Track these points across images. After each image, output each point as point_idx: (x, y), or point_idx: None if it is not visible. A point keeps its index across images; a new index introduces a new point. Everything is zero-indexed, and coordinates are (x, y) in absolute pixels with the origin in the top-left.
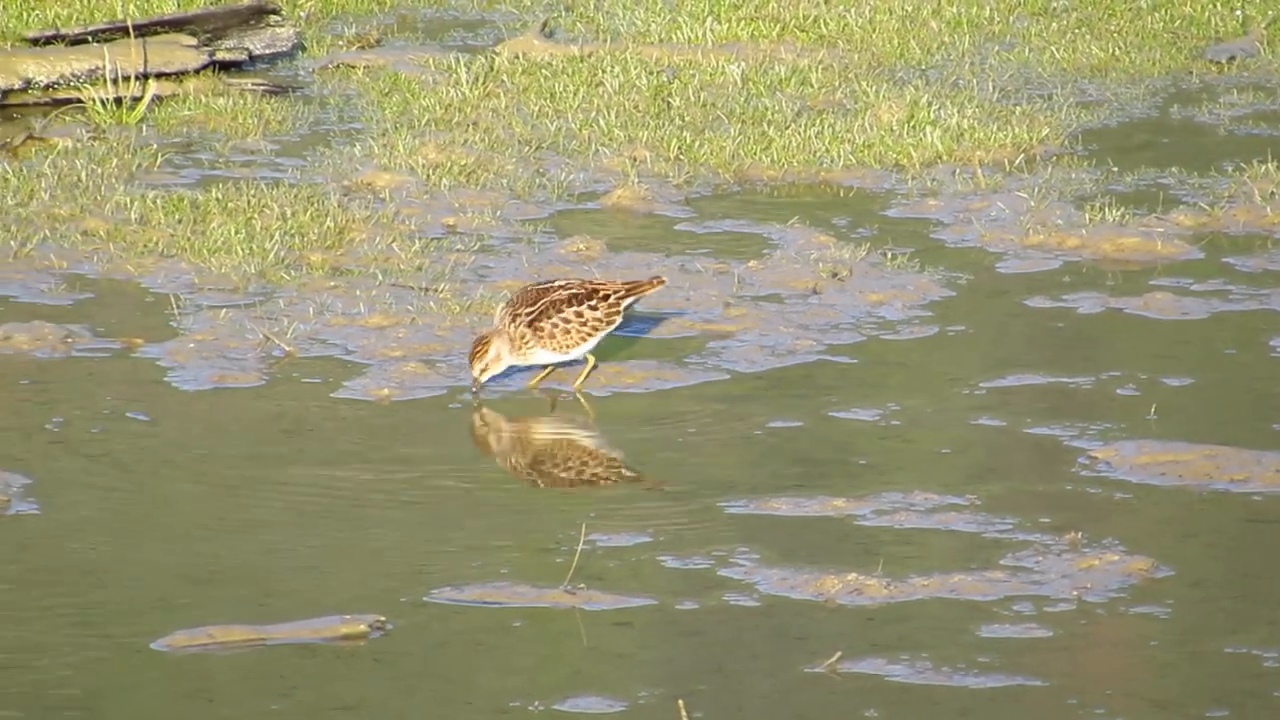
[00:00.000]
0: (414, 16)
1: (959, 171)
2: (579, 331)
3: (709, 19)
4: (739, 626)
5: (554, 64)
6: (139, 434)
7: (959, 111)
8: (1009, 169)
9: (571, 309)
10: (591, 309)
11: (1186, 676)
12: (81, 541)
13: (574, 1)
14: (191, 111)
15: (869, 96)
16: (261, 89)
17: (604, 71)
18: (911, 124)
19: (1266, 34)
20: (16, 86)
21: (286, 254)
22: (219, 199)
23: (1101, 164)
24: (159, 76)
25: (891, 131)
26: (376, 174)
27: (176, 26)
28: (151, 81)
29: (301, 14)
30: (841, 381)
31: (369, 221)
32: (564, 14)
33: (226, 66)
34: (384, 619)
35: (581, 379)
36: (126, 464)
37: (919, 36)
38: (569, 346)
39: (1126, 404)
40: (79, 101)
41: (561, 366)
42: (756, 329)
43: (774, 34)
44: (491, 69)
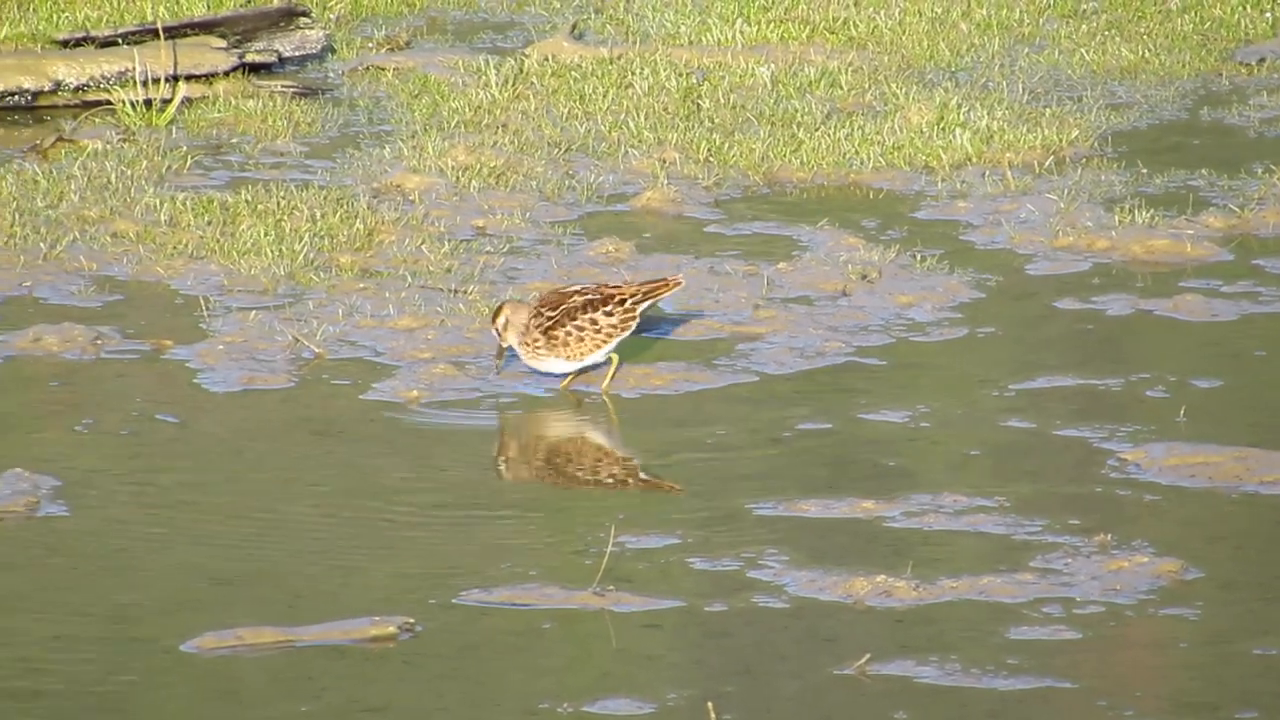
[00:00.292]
0: (443, 19)
1: (988, 173)
2: (593, 339)
3: (738, 21)
4: (768, 628)
5: (583, 66)
6: (168, 436)
7: (988, 113)
8: (1038, 171)
9: (586, 316)
10: (607, 315)
11: (1216, 678)
12: (111, 543)
13: (603, 3)
14: (221, 114)
15: (898, 98)
16: (291, 91)
17: (633, 73)
18: (941, 126)
19: None
20: (46, 88)
21: (316, 256)
22: (248, 201)
23: (1131, 166)
24: (189, 79)
25: (921, 133)
26: (406, 176)
27: (206, 29)
28: (181, 83)
29: (331, 16)
30: (871, 383)
31: (398, 223)
32: (593, 16)
33: (256, 69)
34: (413, 621)
35: (608, 380)
36: (156, 466)
37: (948, 38)
38: (583, 354)
39: (1156, 406)
40: (109, 103)
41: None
42: (786, 331)
43: (804, 36)
44: (521, 71)
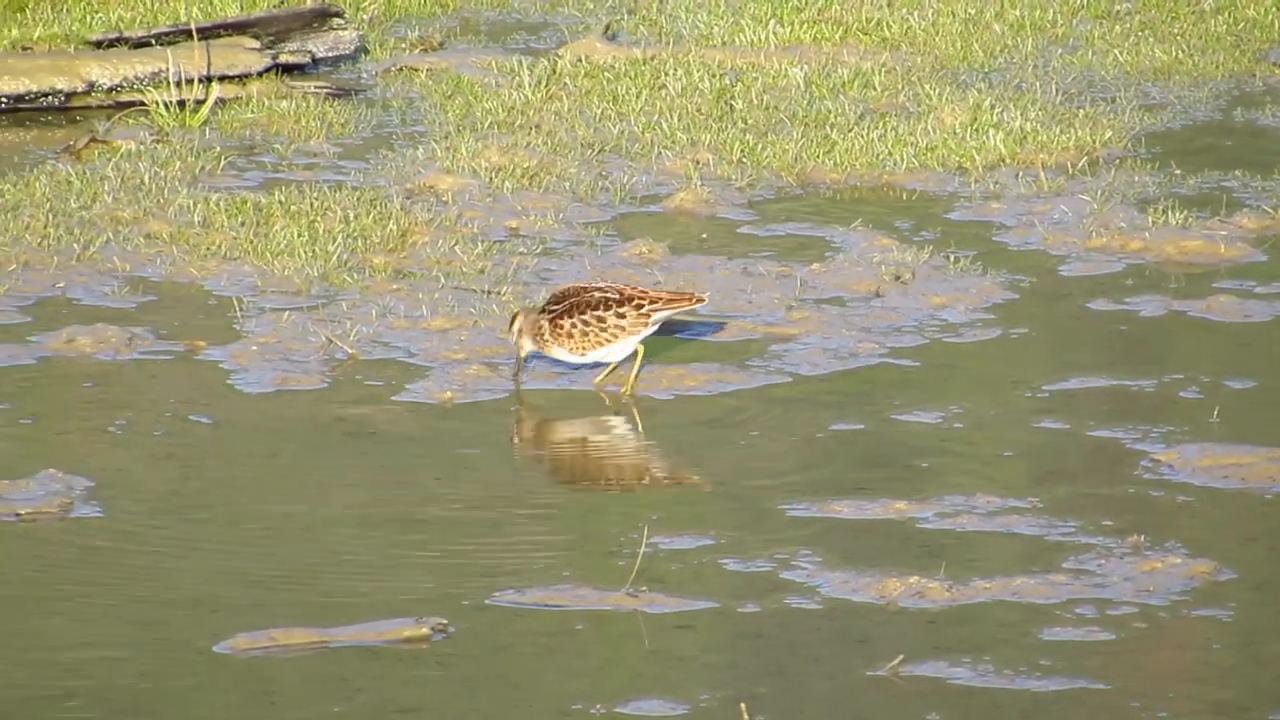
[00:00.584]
0: (477, 19)
1: (1022, 174)
2: (596, 336)
3: (771, 22)
4: (801, 629)
5: (616, 67)
6: (202, 437)
7: (1022, 114)
8: (1072, 172)
9: (594, 313)
10: (618, 316)
11: (1249, 679)
12: (144, 544)
13: (637, 4)
14: (254, 114)
15: (932, 99)
16: (324, 92)
17: (666, 74)
18: (974, 127)
19: None
20: (80, 89)
21: (349, 257)
22: (282, 202)
23: (1164, 167)
24: (222, 79)
25: (954, 134)
26: (439, 177)
27: (239, 29)
28: (214, 84)
29: (364, 17)
30: (904, 384)
31: (431, 224)
32: (626, 17)
33: (289, 69)
34: (446, 622)
35: (630, 380)
36: (189, 466)
37: (982, 39)
38: (585, 349)
39: (1189, 407)
40: (142, 104)
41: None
42: (819, 332)
43: (837, 37)
44: (554, 72)
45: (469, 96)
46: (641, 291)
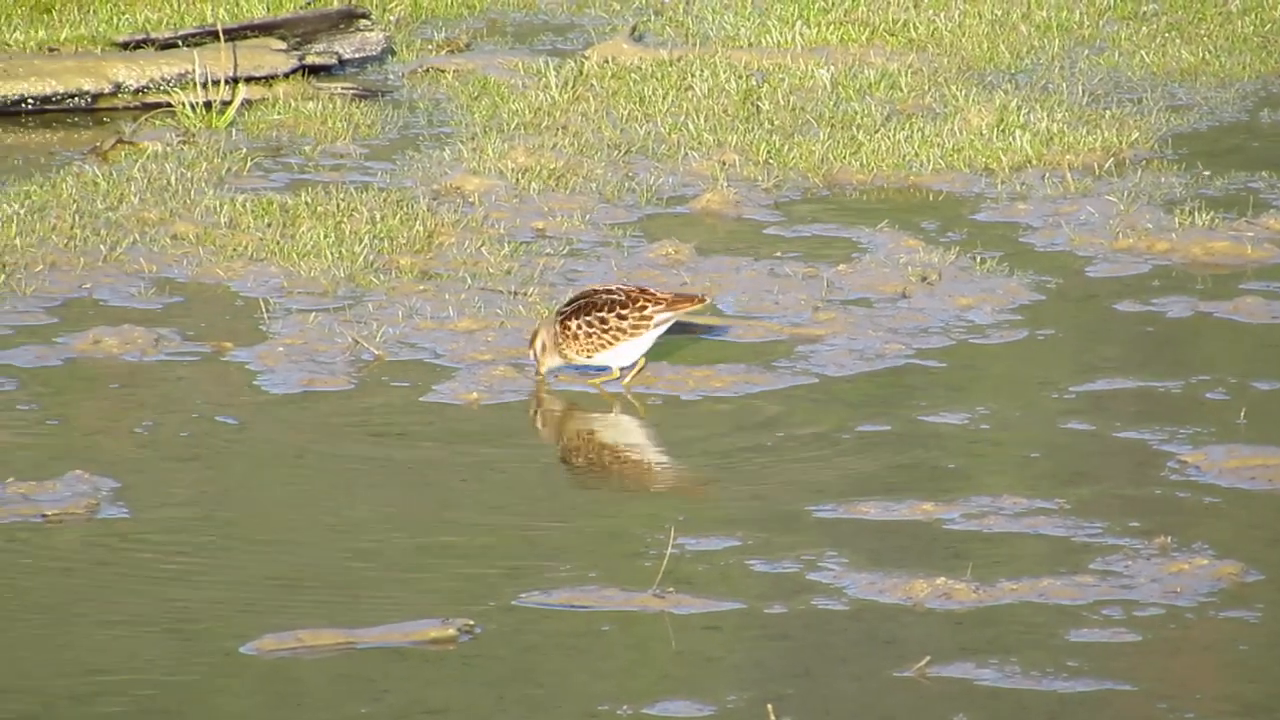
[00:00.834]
0: (503, 21)
1: (1048, 175)
2: (599, 338)
3: (798, 23)
4: (827, 630)
5: (643, 68)
6: (228, 437)
7: (1048, 115)
8: (1098, 173)
9: (597, 314)
10: (619, 318)
11: (1276, 680)
12: (170, 545)
13: (663, 5)
14: (281, 115)
15: (958, 100)
16: (351, 93)
17: (693, 75)
18: (1001, 128)
19: None
20: (106, 90)
21: (375, 258)
22: (308, 203)
23: (1191, 168)
24: (248, 80)
25: (981, 135)
26: (466, 178)
27: (266, 31)
28: (241, 85)
29: (391, 18)
30: (930, 385)
31: (458, 225)
32: (653, 18)
33: (316, 70)
34: (473, 622)
35: (630, 377)
36: (215, 467)
37: (1008, 40)
38: (590, 351)
39: (1216, 408)
40: (168, 105)
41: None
42: (845, 333)
43: (863, 38)
44: (580, 73)
45: (495, 97)
46: (648, 294)
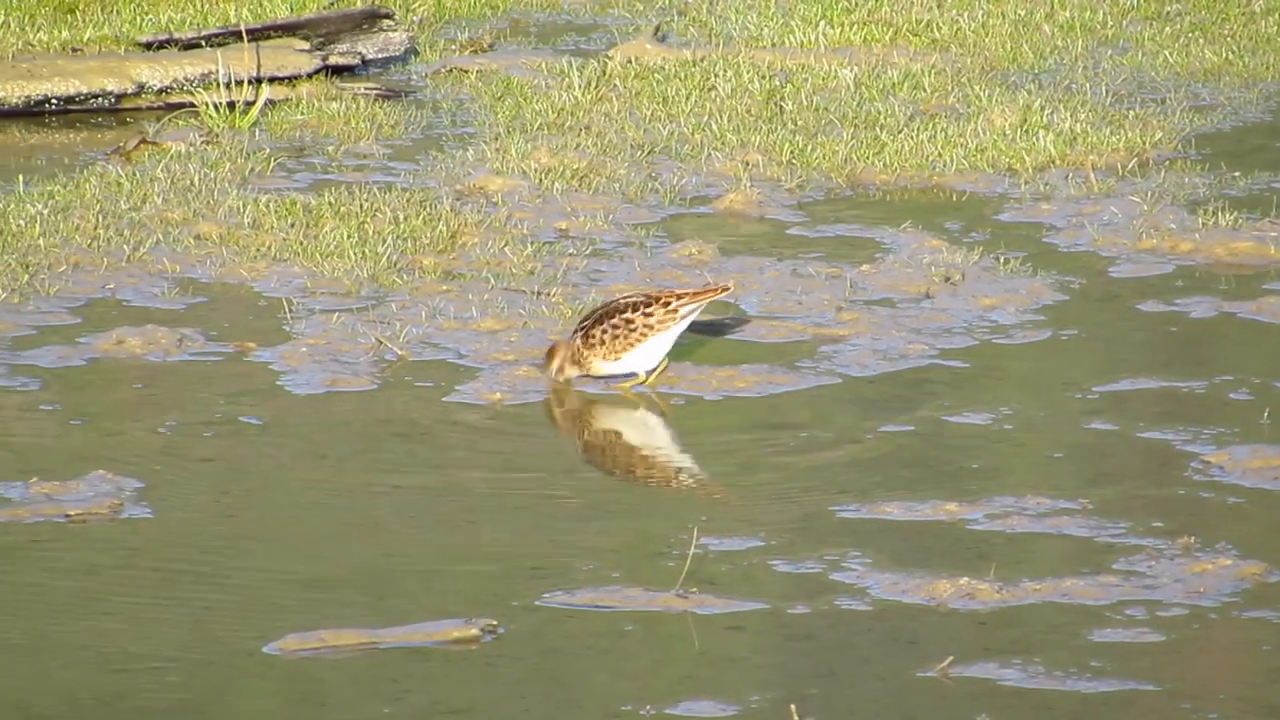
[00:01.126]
0: (526, 21)
1: (1071, 175)
2: (626, 338)
3: (821, 23)
4: (851, 630)
5: (666, 68)
6: (251, 438)
7: (1072, 115)
8: (1122, 173)
9: (622, 316)
10: (645, 315)
11: None
12: (194, 545)
13: (686, 5)
14: (304, 116)
15: (981, 101)
16: (374, 93)
17: (716, 75)
18: (1024, 128)
19: None
20: (130, 90)
21: (399, 258)
22: (331, 203)
23: (1215, 168)
24: (272, 81)
25: (1004, 135)
26: (489, 178)
27: (289, 31)
28: (264, 86)
29: (414, 18)
30: (954, 385)
31: (481, 225)
32: (676, 18)
33: (339, 71)
34: (496, 623)
35: (654, 377)
36: (239, 468)
37: (1032, 40)
38: (618, 353)
39: (1239, 408)
40: (192, 105)
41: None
42: (869, 333)
43: (886, 38)
44: (604, 73)
45: (519, 98)
46: (670, 291)
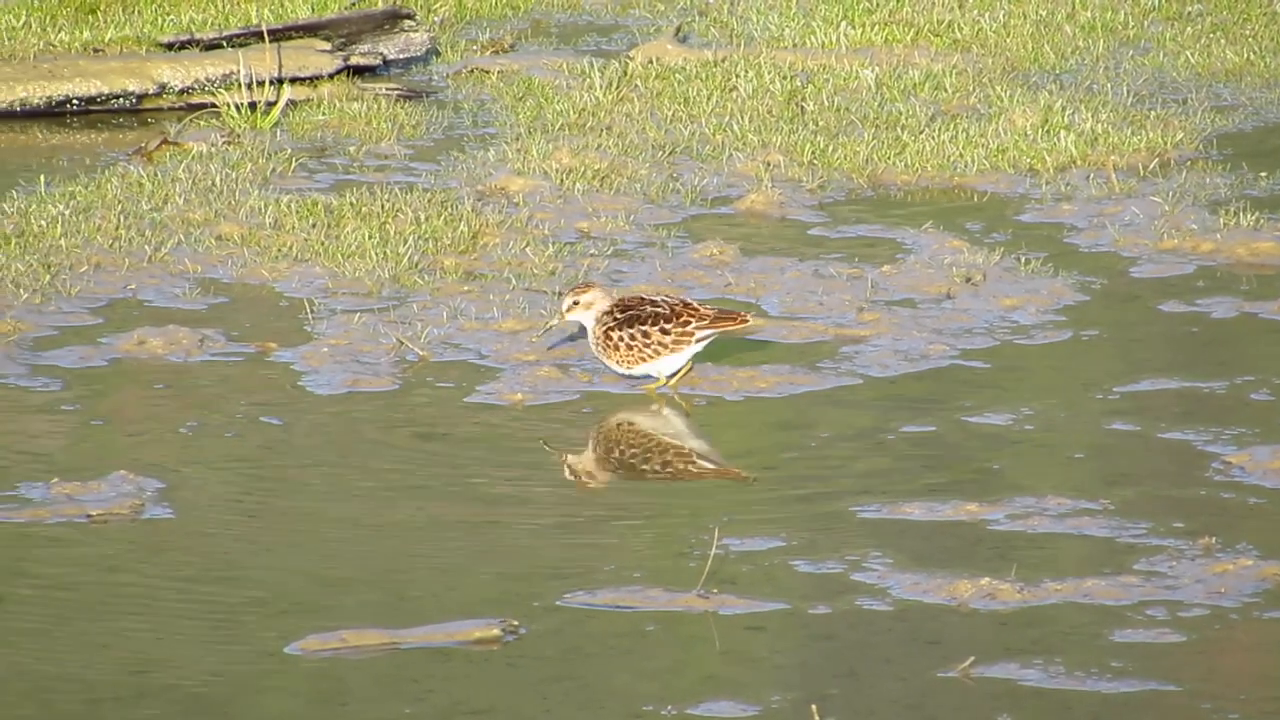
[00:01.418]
0: (547, 21)
1: (1093, 176)
2: (640, 351)
3: (842, 24)
4: (871, 631)
5: (687, 68)
6: (273, 438)
7: (1093, 116)
8: (1143, 173)
9: (640, 327)
10: (662, 332)
11: None
12: (215, 545)
13: (708, 6)
14: (325, 116)
15: (1003, 101)
16: (395, 94)
17: (737, 76)
18: (1045, 128)
19: None
20: (151, 91)
21: (420, 258)
22: (353, 203)
23: (1236, 168)
24: (293, 81)
25: (1025, 136)
26: (510, 178)
27: (311, 31)
28: (286, 86)
29: (435, 19)
30: (975, 386)
31: (502, 226)
32: (697, 19)
33: (360, 71)
34: (517, 623)
35: (676, 379)
36: (260, 468)
37: (1053, 41)
38: (630, 363)
39: (1261, 409)
40: (213, 106)
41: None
42: (890, 333)
43: (908, 39)
44: (625, 73)
45: (540, 98)
46: (692, 308)
